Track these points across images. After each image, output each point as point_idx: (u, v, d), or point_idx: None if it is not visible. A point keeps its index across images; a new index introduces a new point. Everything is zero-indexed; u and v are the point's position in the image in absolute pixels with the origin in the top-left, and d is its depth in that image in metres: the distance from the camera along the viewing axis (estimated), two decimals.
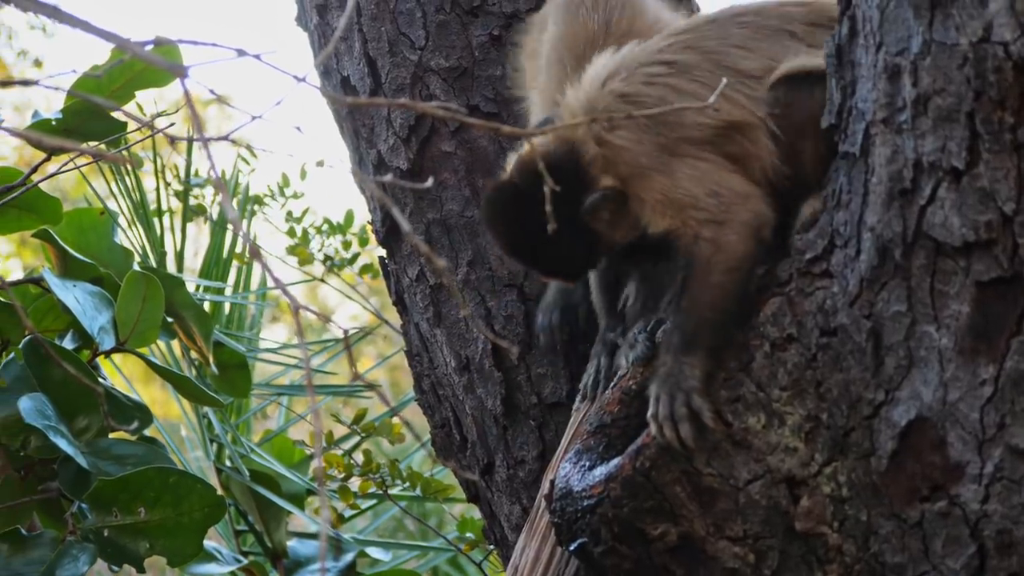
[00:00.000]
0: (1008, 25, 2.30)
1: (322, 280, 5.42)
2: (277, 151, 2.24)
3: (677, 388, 2.67)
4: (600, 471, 2.80)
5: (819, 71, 2.74)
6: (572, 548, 2.82)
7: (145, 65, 3.44)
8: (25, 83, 1.75)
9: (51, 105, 3.40)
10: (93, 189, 5.27)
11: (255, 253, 2.03)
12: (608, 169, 2.77)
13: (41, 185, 3.54)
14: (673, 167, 2.74)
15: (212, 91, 1.94)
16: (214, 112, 13.30)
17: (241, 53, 1.95)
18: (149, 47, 2.05)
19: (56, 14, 1.96)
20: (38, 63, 13.57)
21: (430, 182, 3.43)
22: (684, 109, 2.74)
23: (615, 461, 2.78)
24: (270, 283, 5.33)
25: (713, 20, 2.90)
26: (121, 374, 4.85)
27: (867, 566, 2.59)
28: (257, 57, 1.93)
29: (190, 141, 4.81)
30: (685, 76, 2.80)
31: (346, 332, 2.08)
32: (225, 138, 2.04)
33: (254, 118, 1.98)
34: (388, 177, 3.36)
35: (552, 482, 2.92)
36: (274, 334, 8.75)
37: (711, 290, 2.69)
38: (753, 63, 2.82)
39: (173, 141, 2.11)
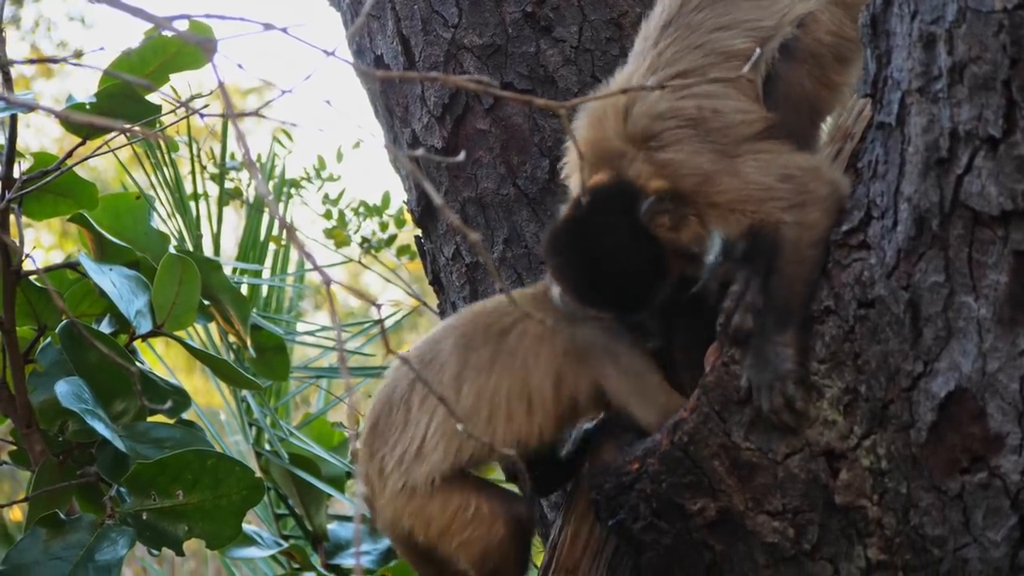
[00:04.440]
0: None
1: (360, 262, 5.42)
2: (311, 129, 2.23)
3: (775, 376, 2.64)
4: (638, 447, 2.79)
5: None
6: (611, 524, 2.82)
7: (179, 48, 3.43)
8: (51, 60, 1.75)
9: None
10: (128, 173, 5.27)
11: (288, 232, 2.02)
12: (657, 177, 2.74)
13: (81, 173, 3.55)
14: (737, 167, 2.72)
15: (240, 65, 1.93)
16: (254, 101, 13.34)
17: (268, 27, 1.94)
18: (181, 24, 2.05)
19: None
20: (78, 54, 13.63)
21: (462, 155, 3.41)
22: (726, 111, 2.74)
23: (653, 436, 2.77)
24: (307, 265, 5.33)
25: (669, 23, 2.87)
26: (163, 362, 4.86)
27: (907, 539, 2.57)
28: (284, 30, 1.92)
29: (224, 119, 4.81)
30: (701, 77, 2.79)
31: (379, 307, 2.07)
32: (255, 113, 2.03)
33: (284, 92, 1.97)
34: (420, 151, 3.35)
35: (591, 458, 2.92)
36: (319, 320, 8.76)
37: (802, 266, 2.67)
38: (739, 39, 2.81)
39: (203, 118, 2.10)
